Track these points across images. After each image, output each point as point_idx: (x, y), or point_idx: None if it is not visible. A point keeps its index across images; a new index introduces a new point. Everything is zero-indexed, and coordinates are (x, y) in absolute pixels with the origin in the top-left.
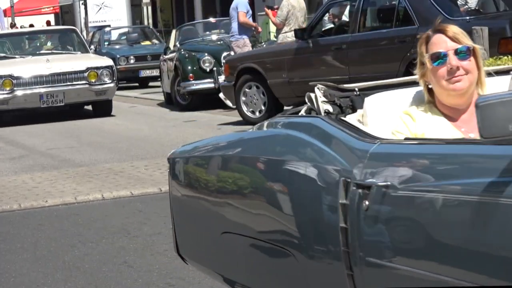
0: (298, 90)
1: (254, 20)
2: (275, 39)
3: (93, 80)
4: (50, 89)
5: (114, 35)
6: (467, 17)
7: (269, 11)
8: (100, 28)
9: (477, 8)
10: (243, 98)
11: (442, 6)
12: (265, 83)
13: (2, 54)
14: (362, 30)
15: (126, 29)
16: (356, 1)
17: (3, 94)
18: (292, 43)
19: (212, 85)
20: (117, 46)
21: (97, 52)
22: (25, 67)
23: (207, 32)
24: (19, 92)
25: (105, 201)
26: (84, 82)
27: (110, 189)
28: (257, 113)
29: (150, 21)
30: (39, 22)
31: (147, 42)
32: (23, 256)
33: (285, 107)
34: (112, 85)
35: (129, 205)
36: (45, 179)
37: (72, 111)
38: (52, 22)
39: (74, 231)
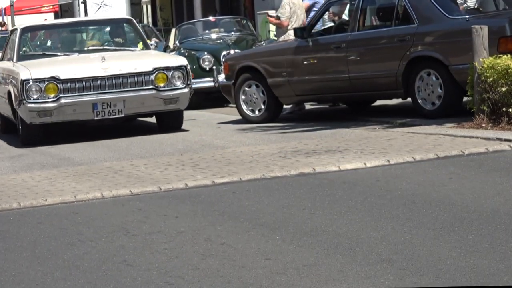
0: (297, 89)
1: (253, 19)
2: (275, 38)
3: (161, 85)
4: (106, 96)
5: None
6: (467, 16)
7: (272, 19)
8: None
9: (476, 7)
10: (243, 97)
11: (442, 5)
12: (264, 82)
13: (40, 52)
14: (362, 29)
15: None
16: (356, 0)
17: (46, 102)
18: (292, 42)
19: (211, 84)
20: None
21: None
22: (74, 67)
23: (207, 31)
24: (66, 100)
25: (105, 200)
26: (150, 87)
27: (110, 188)
28: (257, 112)
29: (150, 19)
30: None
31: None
32: (23, 255)
33: (285, 106)
34: (185, 90)
35: (128, 203)
36: (44, 178)
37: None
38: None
39: (73, 229)
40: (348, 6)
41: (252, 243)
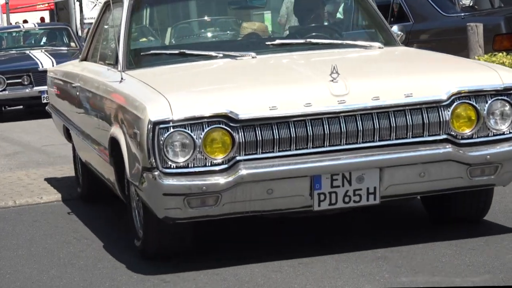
0: None
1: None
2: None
3: (467, 131)
4: (342, 158)
5: None
6: (462, 14)
7: None
8: None
9: (471, 4)
10: None
11: (437, 3)
12: None
13: (173, 48)
14: (356, 28)
15: None
16: None
17: (208, 175)
18: None
19: None
20: None
21: None
22: (268, 90)
23: (202, 30)
24: (250, 169)
25: None
26: (443, 136)
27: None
28: None
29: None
30: (34, 19)
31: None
32: (18, 253)
33: None
34: None
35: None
36: (40, 176)
37: None
38: (47, 19)
39: (69, 227)
40: (342, 5)
41: (247, 240)
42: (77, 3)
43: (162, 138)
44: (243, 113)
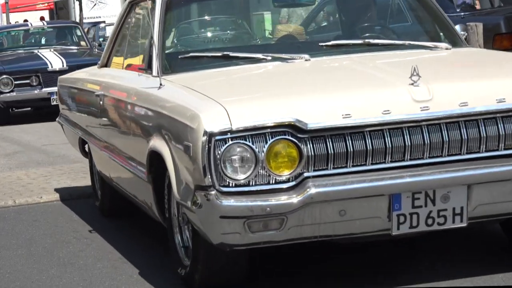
0: None
1: (248, 18)
2: (270, 37)
3: None
4: (422, 174)
5: (109, 31)
6: (462, 13)
7: None
8: (95, 24)
9: (471, 4)
10: None
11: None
12: None
13: (215, 50)
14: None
15: None
16: None
17: (274, 194)
18: None
19: None
20: None
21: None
22: (340, 97)
23: (202, 30)
24: (320, 187)
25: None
26: None
27: None
28: None
29: None
30: (34, 18)
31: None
32: (18, 252)
33: None
34: None
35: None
36: (40, 175)
37: None
38: (47, 19)
39: (69, 227)
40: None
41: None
42: (77, 3)
43: (219, 152)
44: (313, 122)
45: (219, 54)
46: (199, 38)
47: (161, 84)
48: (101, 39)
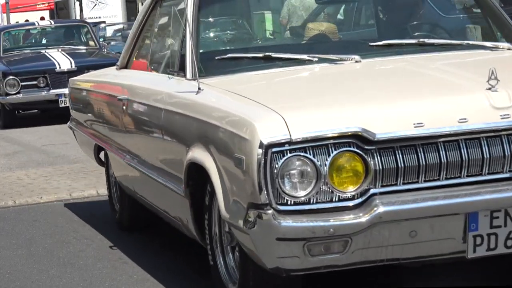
0: None
1: (250, 18)
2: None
3: None
4: (503, 190)
5: (109, 32)
6: (461, 15)
7: None
8: (95, 24)
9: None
10: None
11: (436, 3)
12: None
13: (256, 50)
14: (357, 28)
15: (121, 26)
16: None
17: (338, 212)
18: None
19: None
20: (112, 43)
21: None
22: (413, 104)
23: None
24: (388, 206)
25: (100, 197)
26: None
27: (105, 186)
28: None
29: None
30: (34, 19)
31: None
32: (18, 252)
33: None
34: None
35: None
36: (40, 176)
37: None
38: (47, 18)
39: (69, 227)
40: (343, 6)
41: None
42: (77, 3)
43: (277, 166)
44: (381, 131)
45: (261, 54)
46: (236, 37)
47: (199, 88)
48: (101, 40)
